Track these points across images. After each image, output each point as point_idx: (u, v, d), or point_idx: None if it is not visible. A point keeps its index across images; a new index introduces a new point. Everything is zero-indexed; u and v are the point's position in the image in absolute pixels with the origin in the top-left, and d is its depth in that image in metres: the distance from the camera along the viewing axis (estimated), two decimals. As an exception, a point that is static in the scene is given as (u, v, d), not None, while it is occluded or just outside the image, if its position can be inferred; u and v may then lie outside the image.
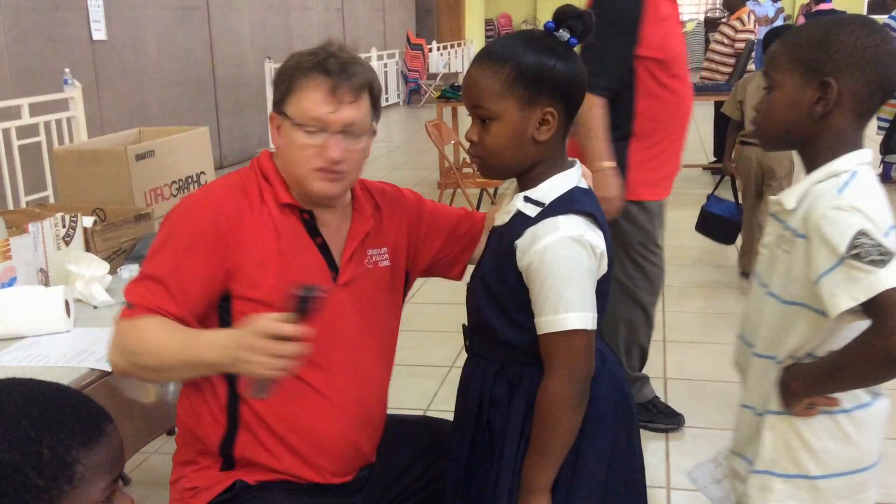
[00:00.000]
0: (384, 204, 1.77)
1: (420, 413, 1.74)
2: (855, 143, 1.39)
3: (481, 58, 1.44)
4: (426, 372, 3.59)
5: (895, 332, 1.20)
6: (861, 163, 1.37)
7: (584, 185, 1.49)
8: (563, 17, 1.44)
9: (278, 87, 1.61)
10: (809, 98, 1.36)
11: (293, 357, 1.35)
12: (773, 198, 1.46)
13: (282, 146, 1.62)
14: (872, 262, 1.22)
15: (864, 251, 1.23)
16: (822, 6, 6.92)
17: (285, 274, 1.56)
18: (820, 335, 1.37)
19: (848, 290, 1.24)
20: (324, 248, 1.64)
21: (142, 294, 1.54)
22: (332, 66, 1.56)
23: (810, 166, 1.41)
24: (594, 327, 1.43)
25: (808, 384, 1.37)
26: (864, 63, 1.33)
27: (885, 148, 6.71)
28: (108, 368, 1.74)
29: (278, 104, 1.61)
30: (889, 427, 1.31)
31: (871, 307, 1.23)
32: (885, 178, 6.94)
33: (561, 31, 1.44)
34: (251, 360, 1.37)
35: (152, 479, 2.86)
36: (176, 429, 1.71)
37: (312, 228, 1.63)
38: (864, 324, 1.27)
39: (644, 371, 3.07)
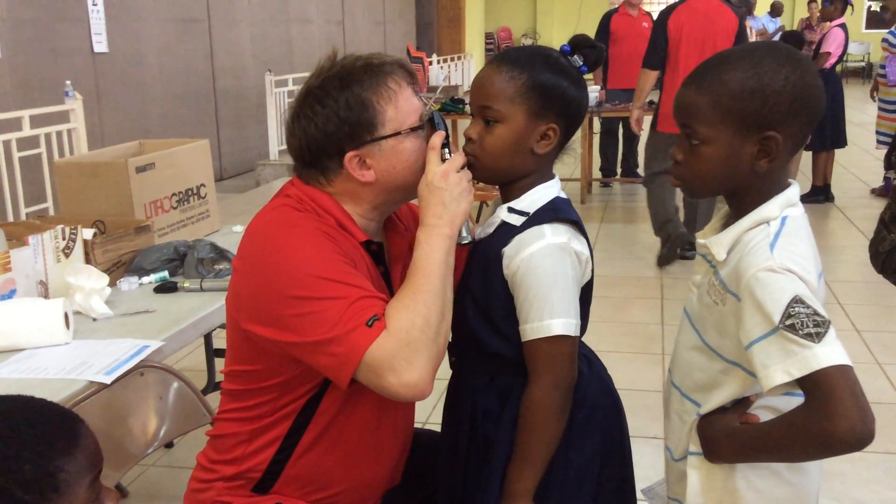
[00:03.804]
0: (408, 222, 1.69)
1: (419, 426, 1.74)
2: (784, 181, 1.33)
3: (500, 61, 1.47)
4: (425, 385, 3.57)
5: (833, 416, 1.12)
6: (789, 205, 1.30)
7: (563, 195, 1.51)
8: (579, 44, 1.50)
9: (357, 122, 1.46)
10: (748, 153, 1.27)
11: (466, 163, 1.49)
12: (700, 241, 1.38)
13: (385, 170, 1.49)
14: (808, 336, 1.15)
15: (799, 322, 1.15)
16: (837, 22, 6.94)
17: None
18: (749, 390, 1.32)
19: (782, 364, 1.16)
20: (385, 276, 1.59)
21: (364, 310, 1.36)
22: (392, 60, 1.52)
23: (739, 212, 1.33)
24: (578, 334, 1.45)
25: (737, 452, 1.30)
26: (802, 108, 1.25)
27: (888, 164, 6.71)
28: (106, 381, 1.74)
29: (360, 137, 1.47)
30: (885, 441, 1.28)
31: (806, 384, 1.16)
32: (886, 190, 6.95)
33: (575, 56, 1.49)
34: (462, 187, 1.47)
35: (151, 492, 2.85)
36: (174, 442, 1.69)
37: (379, 258, 1.57)
38: None
39: (645, 385, 3.06)
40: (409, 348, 1.33)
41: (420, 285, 1.39)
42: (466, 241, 1.51)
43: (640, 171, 7.97)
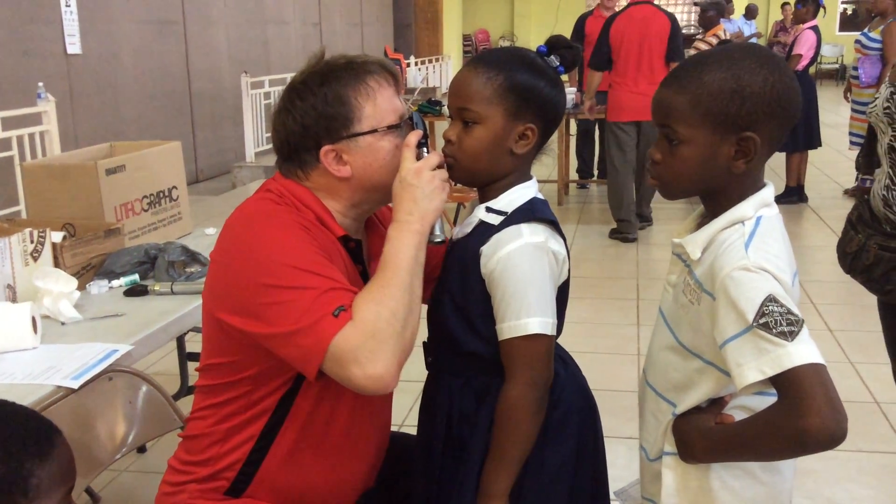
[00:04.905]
0: (388, 224, 1.69)
1: (394, 428, 1.73)
2: (759, 182, 1.34)
3: (477, 63, 1.48)
4: (400, 387, 3.56)
5: (806, 414, 1.13)
6: (764, 205, 1.31)
7: (541, 195, 1.52)
8: (556, 45, 1.51)
9: (334, 117, 1.47)
10: (726, 153, 1.28)
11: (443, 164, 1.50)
12: (675, 240, 1.39)
13: (361, 167, 1.50)
14: (781, 335, 1.16)
15: (772, 320, 1.16)
16: (809, 24, 7.01)
17: None
18: (723, 390, 1.33)
19: (755, 362, 1.17)
20: (364, 275, 1.58)
21: (332, 300, 1.35)
22: (375, 60, 1.53)
23: (714, 211, 1.34)
24: (554, 333, 1.45)
25: (712, 451, 1.31)
26: (778, 109, 1.26)
27: (858, 165, 6.77)
28: (74, 385, 1.72)
29: (336, 132, 1.48)
30: (857, 439, 1.28)
31: (779, 382, 1.16)
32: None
33: (552, 57, 1.50)
34: (435, 185, 1.46)
35: (123, 498, 2.82)
36: (147, 447, 1.67)
37: (358, 257, 1.57)
38: None
39: (620, 385, 3.09)
40: (375, 340, 1.33)
41: (388, 279, 1.39)
42: (439, 240, 1.51)
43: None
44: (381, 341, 1.33)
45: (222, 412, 1.53)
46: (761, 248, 1.24)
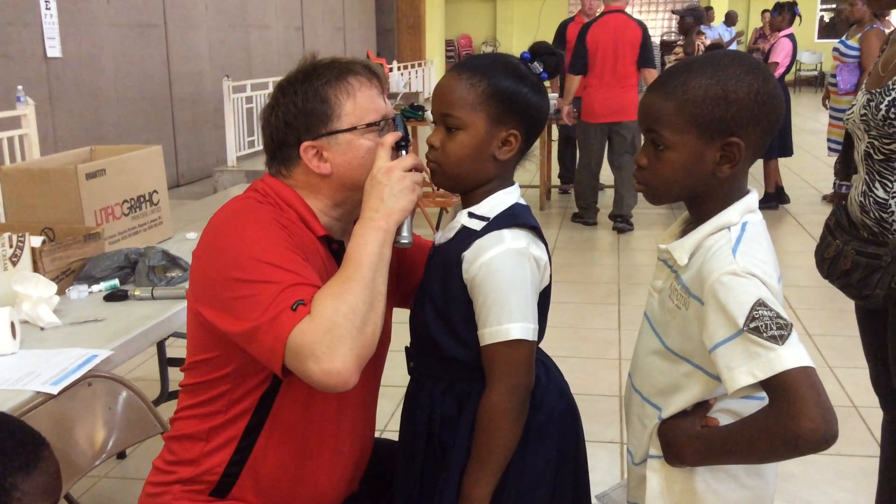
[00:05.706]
0: None
1: (377, 434, 1.74)
2: (743, 188, 1.35)
3: (460, 69, 1.49)
4: (382, 392, 3.56)
5: (797, 416, 1.14)
6: (748, 211, 1.33)
7: (523, 201, 1.53)
8: (539, 51, 1.52)
9: (313, 113, 1.50)
10: (711, 158, 1.30)
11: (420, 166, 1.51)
12: (661, 246, 1.40)
13: (341, 165, 1.51)
14: (772, 339, 1.17)
15: (762, 324, 1.18)
16: (785, 32, 7.08)
17: None
18: (710, 394, 1.34)
19: (746, 366, 1.18)
20: None
21: (294, 295, 1.35)
22: (360, 63, 1.55)
23: (700, 217, 1.35)
24: (536, 338, 1.46)
25: (701, 455, 1.32)
26: (762, 115, 1.28)
27: (837, 171, 6.83)
28: (53, 391, 1.71)
29: (316, 129, 1.50)
30: (836, 444, 1.29)
31: (770, 386, 1.18)
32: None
33: (535, 63, 1.51)
34: (404, 185, 1.46)
35: (102, 504, 2.80)
36: (126, 452, 1.66)
37: (341, 258, 1.55)
38: None
39: (601, 390, 3.11)
40: (332, 335, 1.31)
41: (350, 275, 1.39)
42: (405, 242, 1.50)
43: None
44: (338, 336, 1.31)
45: (205, 411, 1.54)
46: (748, 253, 1.26)
